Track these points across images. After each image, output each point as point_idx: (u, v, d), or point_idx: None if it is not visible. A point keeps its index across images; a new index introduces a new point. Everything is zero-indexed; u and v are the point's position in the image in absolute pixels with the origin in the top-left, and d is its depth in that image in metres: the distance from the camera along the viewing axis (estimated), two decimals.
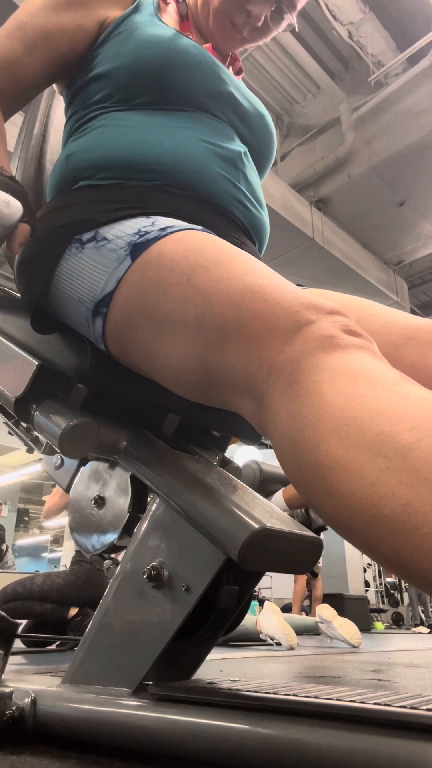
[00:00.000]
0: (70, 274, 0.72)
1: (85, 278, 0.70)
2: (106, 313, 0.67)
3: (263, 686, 0.64)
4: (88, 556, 2.64)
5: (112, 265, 0.67)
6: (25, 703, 0.67)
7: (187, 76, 0.83)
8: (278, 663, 2.11)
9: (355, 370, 0.43)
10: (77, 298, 0.71)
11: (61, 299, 0.74)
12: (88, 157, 0.80)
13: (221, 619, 0.73)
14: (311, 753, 0.50)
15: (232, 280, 0.56)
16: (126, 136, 0.80)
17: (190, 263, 0.61)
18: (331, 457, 0.40)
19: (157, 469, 0.71)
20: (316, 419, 0.42)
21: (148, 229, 0.67)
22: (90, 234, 0.72)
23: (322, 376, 0.44)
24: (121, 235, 0.69)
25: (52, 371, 0.74)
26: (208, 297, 0.57)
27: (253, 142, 0.93)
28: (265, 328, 0.50)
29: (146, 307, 0.63)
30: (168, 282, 0.61)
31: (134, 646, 0.68)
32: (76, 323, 0.74)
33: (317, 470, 0.41)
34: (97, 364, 0.73)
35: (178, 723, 0.58)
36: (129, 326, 0.66)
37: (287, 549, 0.61)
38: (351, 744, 0.48)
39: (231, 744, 0.55)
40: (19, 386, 0.73)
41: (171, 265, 0.62)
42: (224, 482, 0.69)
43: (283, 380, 0.46)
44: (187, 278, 0.60)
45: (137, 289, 0.64)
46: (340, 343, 0.46)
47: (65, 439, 0.67)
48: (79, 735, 0.65)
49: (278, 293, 0.53)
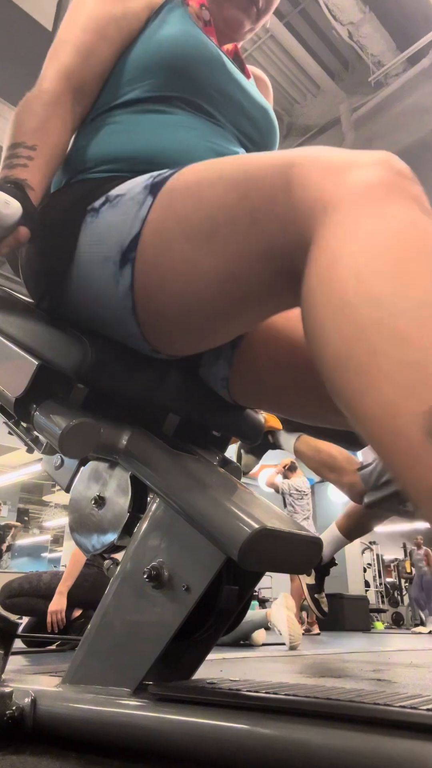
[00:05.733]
0: (91, 242, 0.71)
1: (107, 236, 0.69)
2: (135, 258, 0.66)
3: (263, 686, 0.64)
4: (88, 556, 2.64)
5: (134, 210, 0.67)
6: (25, 703, 0.67)
7: (203, 77, 0.84)
8: (278, 663, 2.11)
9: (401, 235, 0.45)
10: (102, 258, 0.69)
11: (82, 275, 0.73)
12: (92, 153, 0.81)
13: (221, 619, 0.73)
14: (311, 753, 0.50)
15: (269, 157, 0.57)
16: (129, 135, 0.81)
17: (215, 169, 0.62)
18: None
19: (157, 469, 0.71)
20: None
21: (160, 173, 0.68)
22: (101, 200, 0.72)
23: (372, 227, 0.46)
24: (133, 186, 0.70)
25: (52, 371, 0.74)
26: (248, 177, 0.57)
27: (260, 140, 0.94)
28: (319, 170, 0.51)
29: (181, 223, 0.63)
30: (198, 190, 0.62)
31: (134, 646, 0.68)
32: (101, 292, 0.71)
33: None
34: (97, 363, 0.73)
35: (178, 723, 0.58)
36: (163, 255, 0.64)
37: (287, 549, 0.61)
38: (351, 744, 0.48)
39: (231, 744, 0.55)
40: (19, 386, 0.73)
41: (196, 179, 0.63)
42: (224, 482, 0.69)
43: (337, 214, 0.47)
44: (218, 176, 0.60)
45: (166, 214, 0.64)
46: (397, 191, 0.47)
47: (65, 439, 0.67)
48: (79, 735, 0.65)
49: (323, 151, 0.53)
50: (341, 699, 0.55)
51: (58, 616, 2.56)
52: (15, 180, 0.71)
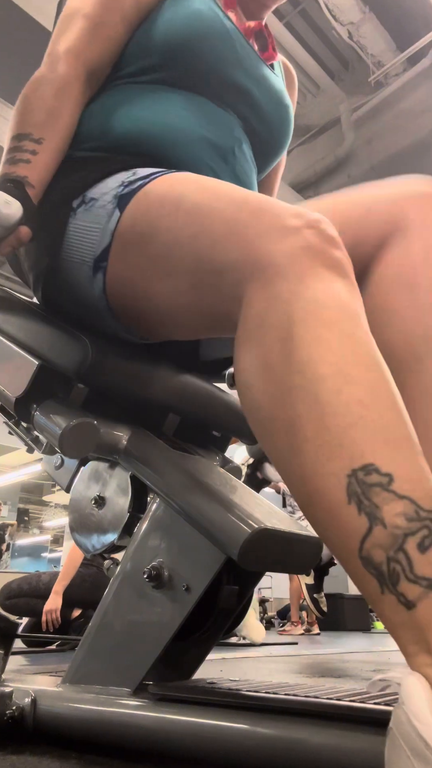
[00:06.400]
0: (71, 242, 0.73)
1: (83, 240, 0.71)
2: (106, 267, 0.69)
3: (263, 686, 0.64)
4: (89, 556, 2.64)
5: (104, 220, 0.69)
6: (25, 703, 0.67)
7: (206, 60, 0.81)
8: (278, 663, 2.11)
9: (326, 311, 0.49)
10: (79, 260, 0.72)
11: (67, 269, 0.74)
12: (85, 127, 0.80)
13: (221, 619, 0.73)
14: (311, 753, 0.50)
15: (223, 198, 0.60)
16: (121, 113, 0.79)
17: (177, 194, 0.64)
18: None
19: (157, 469, 0.71)
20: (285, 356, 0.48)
21: (131, 179, 0.70)
22: (78, 200, 0.73)
23: (297, 309, 0.49)
24: (106, 191, 0.71)
25: (52, 371, 0.74)
26: (200, 217, 0.60)
27: (265, 133, 0.89)
28: (257, 232, 0.54)
29: (142, 245, 0.65)
30: (158, 215, 0.64)
31: (134, 646, 0.68)
32: (81, 289, 0.74)
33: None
34: (98, 363, 0.74)
35: (178, 723, 0.58)
36: (128, 271, 0.67)
37: (287, 549, 0.61)
38: (351, 744, 0.48)
39: (231, 744, 0.55)
40: (19, 386, 0.73)
41: (159, 201, 0.65)
42: (224, 482, 0.69)
43: (264, 279, 0.51)
44: (176, 207, 0.62)
45: (131, 232, 0.66)
46: (321, 259, 0.51)
47: (65, 439, 0.67)
48: (80, 735, 0.65)
49: (270, 202, 0.57)
50: (341, 699, 0.55)
51: (53, 615, 2.56)
52: (15, 178, 0.71)
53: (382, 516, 0.40)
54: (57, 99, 0.76)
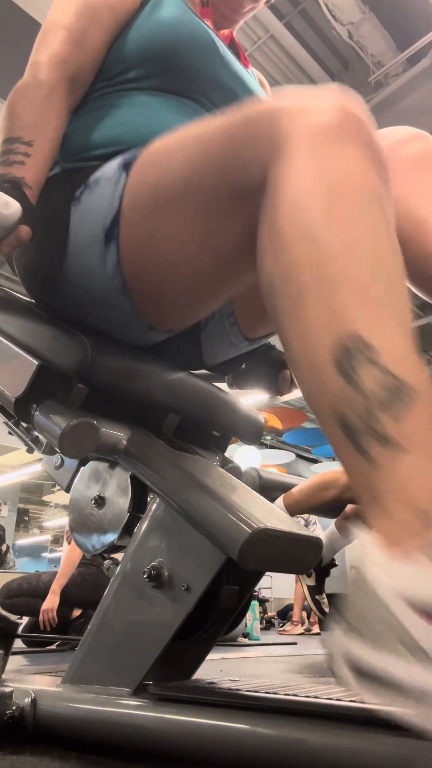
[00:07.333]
0: (77, 229, 0.73)
1: (90, 219, 0.71)
2: (119, 233, 0.68)
3: (263, 686, 0.64)
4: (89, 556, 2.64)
5: (110, 188, 0.69)
6: (25, 703, 0.67)
7: (194, 63, 0.83)
8: (278, 663, 2.11)
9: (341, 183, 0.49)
10: (88, 242, 0.71)
11: (73, 262, 0.74)
12: (79, 138, 0.81)
13: (221, 619, 0.73)
14: (311, 753, 0.50)
15: (234, 109, 0.60)
16: (115, 121, 0.81)
17: (182, 132, 0.65)
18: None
19: (157, 469, 0.71)
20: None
21: (133, 152, 0.70)
22: (80, 188, 0.74)
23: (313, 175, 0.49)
24: (108, 169, 0.71)
25: (52, 371, 0.74)
26: (215, 128, 0.60)
27: None
28: (279, 111, 0.54)
29: (155, 190, 0.65)
30: (166, 154, 0.65)
31: (134, 646, 0.68)
32: (92, 276, 0.73)
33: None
34: (98, 363, 0.74)
35: (178, 723, 0.58)
36: (144, 227, 0.67)
37: (287, 549, 0.61)
38: (351, 744, 0.48)
39: (231, 744, 0.55)
40: (19, 386, 0.73)
41: (164, 145, 0.66)
42: (224, 482, 0.69)
43: (294, 151, 0.51)
44: (185, 135, 0.64)
45: (141, 185, 0.66)
46: (345, 134, 0.51)
47: (65, 439, 0.67)
48: (80, 735, 0.65)
49: (286, 93, 0.57)
50: (341, 699, 0.55)
51: (50, 615, 2.56)
52: (12, 179, 0.71)
53: (362, 383, 0.43)
54: (43, 104, 0.77)
